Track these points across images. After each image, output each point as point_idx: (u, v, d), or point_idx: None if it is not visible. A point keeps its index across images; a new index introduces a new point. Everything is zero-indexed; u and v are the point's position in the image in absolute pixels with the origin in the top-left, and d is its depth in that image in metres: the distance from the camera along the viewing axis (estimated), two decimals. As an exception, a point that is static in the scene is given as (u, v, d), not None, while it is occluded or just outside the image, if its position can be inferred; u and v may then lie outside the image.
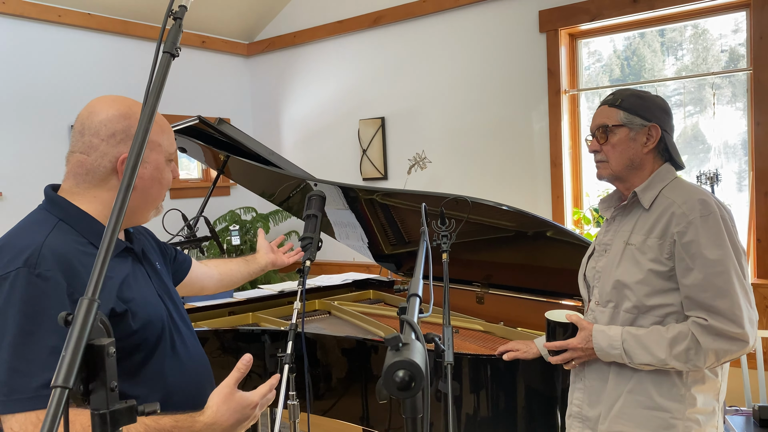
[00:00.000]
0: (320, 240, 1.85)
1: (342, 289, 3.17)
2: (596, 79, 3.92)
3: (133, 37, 4.55)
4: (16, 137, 3.93)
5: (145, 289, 1.28)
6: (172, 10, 0.97)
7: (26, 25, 3.99)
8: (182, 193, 4.84)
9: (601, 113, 1.66)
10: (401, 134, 4.52)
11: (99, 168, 1.20)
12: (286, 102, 5.21)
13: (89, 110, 1.22)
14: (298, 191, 2.73)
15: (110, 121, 1.20)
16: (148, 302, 1.26)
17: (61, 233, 1.17)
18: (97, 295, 0.76)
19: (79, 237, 1.18)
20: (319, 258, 4.90)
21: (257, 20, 5.17)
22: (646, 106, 1.62)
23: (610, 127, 1.62)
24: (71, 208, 1.20)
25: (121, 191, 0.80)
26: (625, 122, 1.61)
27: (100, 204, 1.22)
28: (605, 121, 1.63)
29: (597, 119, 1.67)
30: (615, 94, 1.67)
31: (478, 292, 2.61)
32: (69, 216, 1.20)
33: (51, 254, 1.11)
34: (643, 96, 1.64)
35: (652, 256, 1.54)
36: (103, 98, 1.25)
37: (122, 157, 1.19)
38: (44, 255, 1.11)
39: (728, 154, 3.48)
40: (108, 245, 0.77)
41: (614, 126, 1.62)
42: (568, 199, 3.86)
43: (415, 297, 0.86)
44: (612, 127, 1.62)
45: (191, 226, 2.39)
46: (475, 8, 4.08)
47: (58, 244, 1.14)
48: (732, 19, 3.40)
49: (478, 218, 2.16)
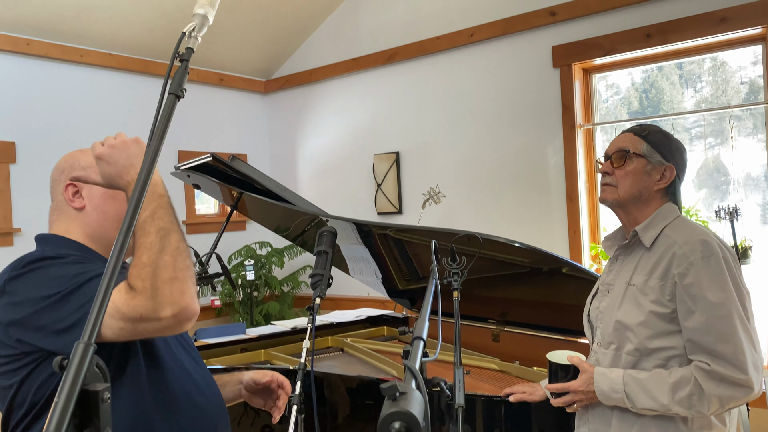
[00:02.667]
0: (331, 277, 1.83)
1: (355, 326, 3.13)
2: (615, 112, 3.91)
3: (152, 75, 4.65)
4: (38, 174, 4.00)
5: None
6: (178, 52, 0.98)
7: (50, 65, 4.11)
8: (199, 228, 4.87)
9: (624, 139, 1.64)
10: (416, 169, 4.53)
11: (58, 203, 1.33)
12: (303, 137, 5.26)
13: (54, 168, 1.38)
14: (311, 227, 2.73)
15: (59, 165, 1.36)
16: None
17: None
18: (93, 339, 0.75)
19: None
20: (333, 293, 4.85)
21: (274, 58, 5.26)
22: (669, 146, 1.60)
23: (630, 153, 1.60)
24: (53, 237, 1.31)
25: (119, 239, 0.80)
26: (646, 154, 1.59)
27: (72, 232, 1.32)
28: (627, 146, 1.61)
29: (618, 143, 1.64)
30: (642, 126, 1.65)
31: (493, 330, 2.56)
32: (53, 243, 1.30)
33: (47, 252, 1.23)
34: (668, 135, 1.63)
35: (653, 298, 1.50)
36: None
37: (65, 184, 1.31)
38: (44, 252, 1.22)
39: (751, 185, 3.42)
40: (105, 290, 0.76)
41: (635, 153, 1.59)
42: (585, 233, 3.81)
43: (419, 340, 0.84)
44: (632, 153, 1.60)
45: (203, 262, 2.39)
46: (488, 44, 4.12)
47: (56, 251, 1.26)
48: (751, 52, 3.38)
49: (491, 254, 2.13)
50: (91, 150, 1.23)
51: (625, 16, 3.56)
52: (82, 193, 1.31)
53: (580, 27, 3.73)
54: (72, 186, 1.31)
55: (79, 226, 1.30)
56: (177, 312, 1.09)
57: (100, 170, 1.20)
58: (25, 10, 3.78)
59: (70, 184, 1.30)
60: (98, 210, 1.31)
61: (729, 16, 3.22)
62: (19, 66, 3.96)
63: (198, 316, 1.60)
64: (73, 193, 1.31)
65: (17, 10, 3.76)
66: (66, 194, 1.31)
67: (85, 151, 1.35)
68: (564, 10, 3.76)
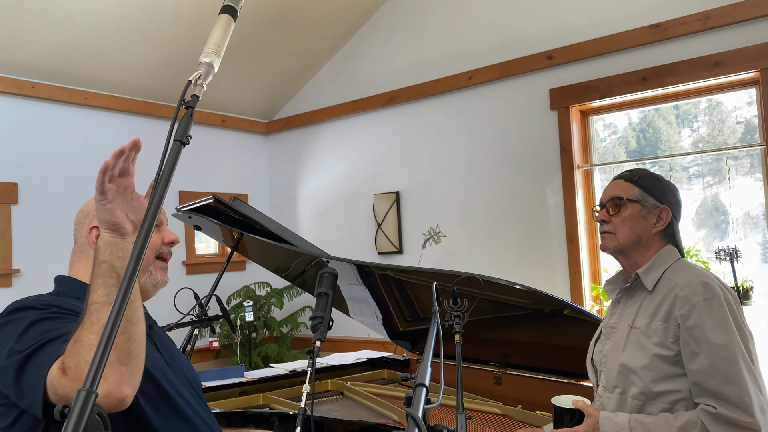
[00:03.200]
0: (331, 319, 1.82)
1: (356, 368, 3.09)
2: (613, 152, 3.95)
3: (155, 117, 4.71)
4: (39, 216, 4.01)
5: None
6: (184, 99, 1.00)
7: (54, 107, 4.16)
8: (199, 268, 4.86)
9: (616, 186, 1.66)
10: (416, 208, 4.55)
11: (81, 245, 1.35)
12: (303, 178, 5.29)
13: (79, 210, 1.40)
14: (311, 267, 2.72)
15: (85, 207, 1.39)
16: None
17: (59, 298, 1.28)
18: (95, 386, 0.75)
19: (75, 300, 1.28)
20: (333, 334, 4.80)
21: (276, 100, 5.34)
22: (661, 188, 1.62)
23: (624, 200, 1.62)
24: (69, 280, 1.33)
25: (123, 285, 0.80)
26: (639, 199, 1.61)
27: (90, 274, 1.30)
28: (620, 194, 1.63)
29: (610, 191, 1.67)
30: (631, 171, 1.68)
31: (495, 372, 2.53)
32: (67, 286, 1.32)
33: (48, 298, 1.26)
34: (659, 178, 1.65)
35: (657, 340, 1.49)
36: None
37: (90, 227, 1.33)
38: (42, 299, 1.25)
39: (750, 224, 3.43)
40: (109, 335, 0.76)
41: (628, 200, 1.61)
42: (585, 274, 3.81)
43: (422, 387, 0.83)
44: (626, 200, 1.61)
45: (203, 304, 2.38)
46: (487, 87, 4.18)
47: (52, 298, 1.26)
48: (746, 93, 3.44)
49: (493, 296, 2.12)
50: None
51: (620, 60, 3.63)
52: None
53: (576, 70, 3.80)
54: (96, 229, 1.32)
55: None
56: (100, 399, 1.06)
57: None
58: (31, 54, 3.85)
59: (94, 227, 1.32)
60: None
61: (723, 60, 3.29)
62: (23, 108, 4.02)
63: (193, 358, 1.55)
64: (96, 237, 1.31)
65: (23, 54, 3.84)
66: (89, 237, 1.33)
67: None
68: (560, 54, 3.83)
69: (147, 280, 1.36)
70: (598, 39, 3.68)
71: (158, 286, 1.38)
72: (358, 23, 4.82)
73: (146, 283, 1.36)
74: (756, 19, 3.20)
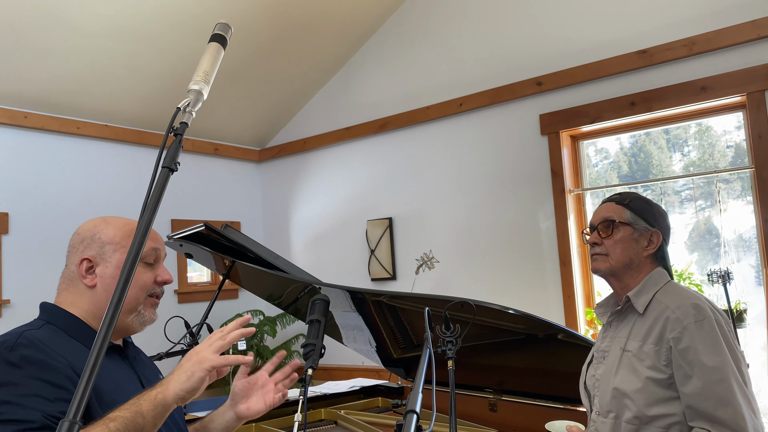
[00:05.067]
0: (323, 347, 1.80)
1: (349, 397, 3.05)
2: (605, 176, 3.97)
3: (147, 146, 4.72)
4: (30, 246, 3.98)
5: (121, 375, 1.27)
6: (173, 126, 1.00)
7: (47, 137, 4.17)
8: (191, 297, 4.82)
9: (607, 208, 1.67)
10: (409, 234, 4.54)
11: (71, 273, 1.30)
12: (296, 205, 5.30)
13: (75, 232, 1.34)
14: (304, 294, 2.70)
15: (82, 231, 1.32)
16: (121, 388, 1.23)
17: (45, 331, 1.22)
18: (78, 417, 0.73)
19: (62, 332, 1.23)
20: (326, 362, 4.75)
21: (269, 128, 5.37)
22: (651, 212, 1.64)
23: (616, 222, 1.62)
24: (55, 309, 1.28)
25: (111, 307, 0.79)
26: (631, 221, 1.62)
27: (77, 306, 1.28)
28: (612, 216, 1.64)
29: (602, 213, 1.67)
30: (622, 194, 1.69)
31: (490, 399, 2.50)
32: (52, 315, 1.27)
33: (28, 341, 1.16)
34: (649, 202, 1.67)
35: (649, 363, 1.48)
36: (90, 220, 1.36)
37: (81, 258, 1.28)
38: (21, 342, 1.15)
39: (743, 247, 3.44)
40: (93, 366, 0.75)
41: (620, 222, 1.62)
42: (579, 298, 3.80)
43: (412, 414, 0.82)
44: (618, 222, 1.62)
45: (194, 333, 2.36)
46: (478, 113, 4.22)
47: (38, 335, 1.19)
48: (734, 117, 3.48)
49: (486, 321, 2.11)
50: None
51: (609, 85, 3.68)
52: (96, 270, 1.28)
53: (566, 96, 3.84)
54: (87, 261, 1.27)
55: (86, 302, 1.27)
56: None
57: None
58: (25, 85, 3.87)
59: (85, 259, 1.27)
60: (108, 291, 1.27)
61: (709, 85, 3.33)
62: (16, 138, 4.02)
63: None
64: (86, 269, 1.27)
65: (17, 86, 3.85)
66: (80, 269, 1.27)
67: (109, 222, 1.32)
68: (550, 80, 3.88)
69: (134, 319, 1.30)
70: (586, 65, 3.73)
71: (146, 323, 1.32)
72: (350, 51, 4.88)
73: (133, 322, 1.30)
74: (740, 44, 3.25)
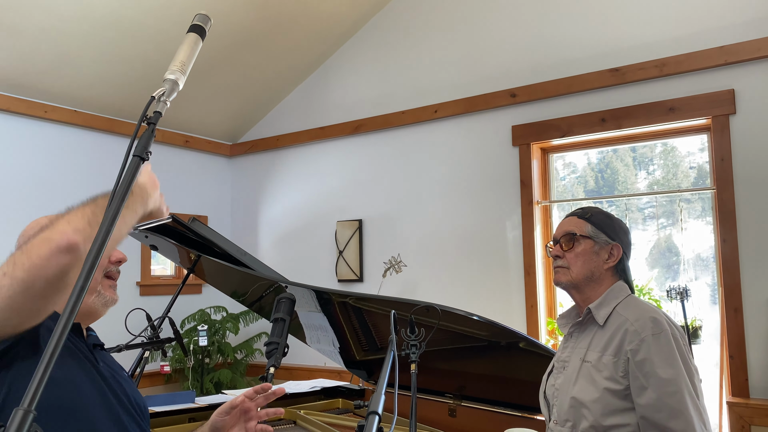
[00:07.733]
0: (287, 345, 1.79)
1: (310, 397, 3.04)
2: (572, 190, 4.04)
3: (117, 134, 4.63)
4: (-13, 228, 3.87)
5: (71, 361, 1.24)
6: (146, 115, 0.98)
7: (13, 119, 4.05)
8: (153, 290, 4.74)
9: (569, 222, 1.71)
10: (378, 237, 4.55)
11: None
12: (266, 202, 5.26)
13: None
14: (270, 292, 2.68)
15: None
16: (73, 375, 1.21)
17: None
18: (33, 405, 0.72)
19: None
20: (288, 361, 4.71)
21: (242, 123, 5.32)
22: (612, 226, 1.68)
23: (577, 236, 1.66)
24: None
25: (71, 299, 0.78)
26: (592, 235, 1.65)
27: None
28: (573, 230, 1.68)
29: (564, 227, 1.71)
30: (584, 209, 1.73)
31: (450, 404, 2.52)
32: None
33: None
34: (610, 216, 1.71)
35: (607, 374, 1.52)
36: None
37: None
38: None
39: (701, 266, 3.54)
40: (50, 358, 0.73)
41: (581, 236, 1.66)
42: (542, 308, 3.85)
43: (374, 415, 0.82)
44: (579, 236, 1.66)
45: (155, 326, 2.32)
46: (451, 121, 4.26)
47: None
48: (698, 139, 3.58)
49: (450, 326, 2.12)
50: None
51: (581, 101, 3.75)
52: None
53: (538, 109, 3.90)
54: None
55: None
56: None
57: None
58: (-9, 63, 3.76)
59: None
60: None
61: (677, 106, 3.42)
62: (-21, 118, 3.90)
63: (142, 382, 1.52)
64: None
65: (-17, 64, 3.74)
66: None
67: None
68: (523, 92, 3.94)
69: (96, 300, 1.32)
70: (560, 79, 3.80)
71: (108, 304, 1.34)
72: (329, 51, 4.87)
73: (95, 303, 1.32)
74: (708, 68, 3.35)
